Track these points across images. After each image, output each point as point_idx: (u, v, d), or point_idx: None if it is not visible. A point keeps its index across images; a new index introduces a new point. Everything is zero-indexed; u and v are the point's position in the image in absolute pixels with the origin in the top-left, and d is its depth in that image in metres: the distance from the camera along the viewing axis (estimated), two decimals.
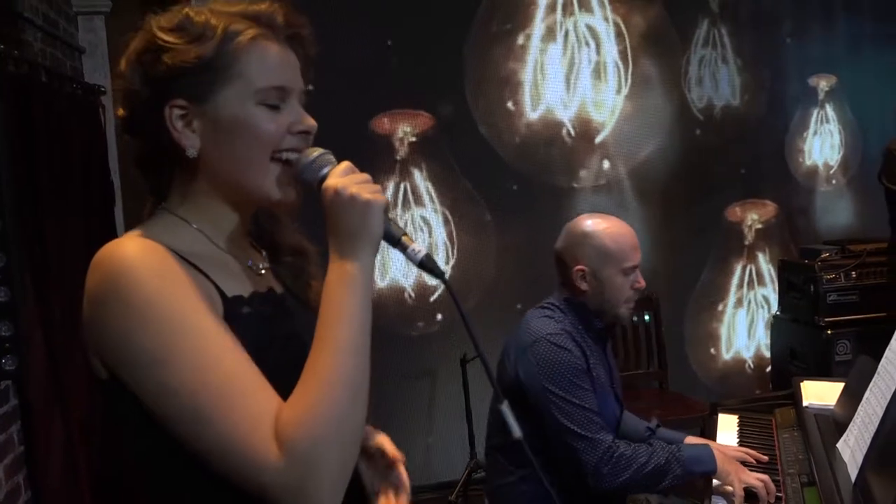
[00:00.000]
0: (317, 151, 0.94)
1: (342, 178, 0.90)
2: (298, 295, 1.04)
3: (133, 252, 0.85)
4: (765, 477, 1.70)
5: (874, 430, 1.41)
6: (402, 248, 0.92)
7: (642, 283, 1.99)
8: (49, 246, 2.43)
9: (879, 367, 1.56)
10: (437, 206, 3.52)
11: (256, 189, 0.94)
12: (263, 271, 1.02)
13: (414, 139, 3.45)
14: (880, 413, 1.42)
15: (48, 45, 2.84)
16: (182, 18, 0.91)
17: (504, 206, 3.58)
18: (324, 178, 0.92)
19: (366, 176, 0.92)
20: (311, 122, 0.96)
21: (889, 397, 1.41)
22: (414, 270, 3.45)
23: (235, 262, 0.98)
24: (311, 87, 0.99)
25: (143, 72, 0.91)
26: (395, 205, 3.44)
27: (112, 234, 2.96)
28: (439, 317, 3.53)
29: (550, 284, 2.11)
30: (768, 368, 3.97)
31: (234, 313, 0.90)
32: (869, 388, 1.55)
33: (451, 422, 3.45)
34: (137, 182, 1.01)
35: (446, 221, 3.53)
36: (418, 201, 3.50)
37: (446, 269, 3.51)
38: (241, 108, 0.91)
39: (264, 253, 1.06)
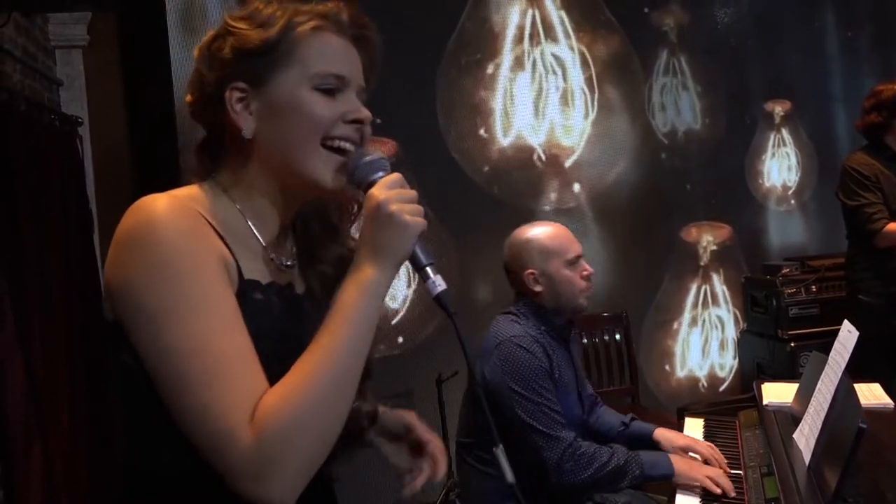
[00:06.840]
0: (376, 154, 0.95)
1: (389, 190, 0.90)
2: (322, 300, 1.01)
3: (165, 209, 0.87)
4: (718, 470, 1.84)
5: (824, 416, 1.50)
6: (424, 277, 0.91)
7: (589, 269, 2.12)
8: (27, 274, 2.45)
9: (829, 358, 1.65)
10: None
11: (303, 171, 0.94)
12: (285, 268, 1.01)
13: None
14: (830, 399, 1.51)
15: (27, 77, 2.89)
16: (252, 9, 0.96)
17: (472, 228, 3.61)
18: (373, 183, 0.92)
19: (412, 194, 0.91)
20: (366, 114, 0.96)
21: (836, 384, 1.50)
22: None
23: (264, 251, 0.98)
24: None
25: (210, 57, 0.95)
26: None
27: (91, 262, 2.98)
28: (400, 339, 3.55)
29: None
30: (721, 388, 4.05)
31: (246, 295, 0.91)
32: (820, 380, 1.64)
33: None
34: (114, 211, 1.00)
35: None
36: None
37: (408, 292, 3.55)
38: (297, 91, 0.93)
39: (294, 250, 1.05)
